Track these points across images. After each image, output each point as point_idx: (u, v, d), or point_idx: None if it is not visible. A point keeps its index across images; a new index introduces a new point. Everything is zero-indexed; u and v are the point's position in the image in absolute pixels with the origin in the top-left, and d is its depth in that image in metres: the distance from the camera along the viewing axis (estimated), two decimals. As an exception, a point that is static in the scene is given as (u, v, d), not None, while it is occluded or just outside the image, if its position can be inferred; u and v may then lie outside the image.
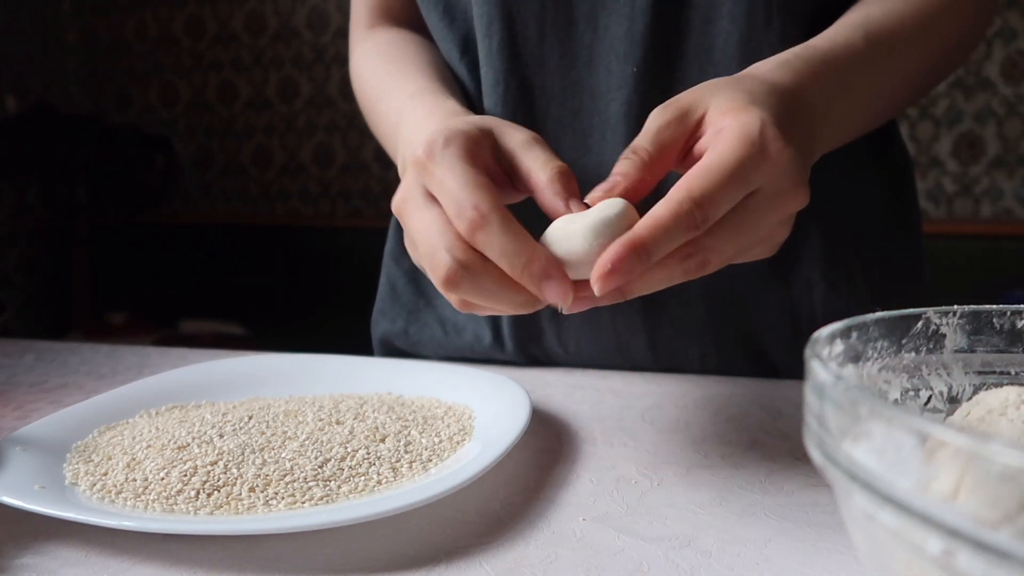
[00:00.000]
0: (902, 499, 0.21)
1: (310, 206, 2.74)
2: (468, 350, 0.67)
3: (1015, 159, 2.17)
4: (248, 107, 2.76)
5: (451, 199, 0.39)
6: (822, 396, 0.25)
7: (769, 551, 0.35)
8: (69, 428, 0.47)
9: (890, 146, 0.65)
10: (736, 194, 0.37)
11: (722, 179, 0.37)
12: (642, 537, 0.36)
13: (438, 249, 0.39)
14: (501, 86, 0.58)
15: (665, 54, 0.55)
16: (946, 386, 0.34)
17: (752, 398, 0.55)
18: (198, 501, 0.38)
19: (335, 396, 0.53)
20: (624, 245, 0.36)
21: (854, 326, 0.31)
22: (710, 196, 0.36)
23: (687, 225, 0.36)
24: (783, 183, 0.39)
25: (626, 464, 0.45)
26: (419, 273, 0.71)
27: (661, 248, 0.36)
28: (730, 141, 0.38)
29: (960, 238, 2.07)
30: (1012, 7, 2.13)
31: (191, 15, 2.76)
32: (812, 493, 0.40)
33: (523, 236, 0.38)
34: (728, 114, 0.39)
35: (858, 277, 0.61)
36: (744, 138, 0.38)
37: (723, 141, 0.38)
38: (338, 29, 2.61)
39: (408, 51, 0.62)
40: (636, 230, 0.36)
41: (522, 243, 0.38)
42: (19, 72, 2.65)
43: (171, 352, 0.72)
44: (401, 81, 0.57)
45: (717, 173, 0.37)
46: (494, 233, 0.38)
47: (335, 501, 0.38)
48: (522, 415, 0.46)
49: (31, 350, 0.73)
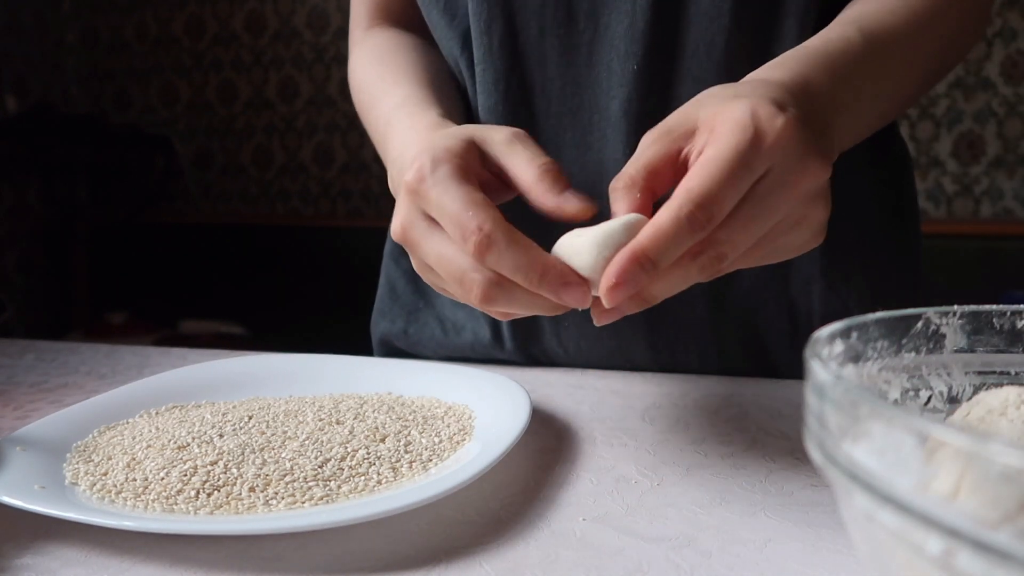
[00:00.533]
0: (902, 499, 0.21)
1: (310, 206, 2.74)
2: (468, 349, 0.67)
3: (1015, 159, 2.17)
4: (248, 107, 2.76)
5: (453, 223, 0.39)
6: (822, 396, 0.25)
7: (769, 551, 0.35)
8: (69, 428, 0.47)
9: (890, 145, 0.65)
10: (740, 184, 0.36)
11: (721, 173, 0.36)
12: (642, 537, 0.36)
13: (466, 272, 0.39)
14: (502, 84, 0.58)
15: (666, 51, 0.55)
16: (946, 386, 0.34)
17: (752, 398, 0.55)
18: (198, 501, 0.38)
19: (335, 396, 0.53)
20: (627, 257, 0.35)
21: (854, 326, 0.31)
22: (711, 194, 0.35)
23: (690, 228, 0.35)
24: (790, 158, 0.37)
25: (626, 464, 0.45)
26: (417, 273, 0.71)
27: (667, 255, 0.36)
28: (722, 133, 0.37)
29: (960, 238, 2.07)
30: (1012, 7, 2.13)
31: (191, 15, 2.76)
32: (812, 493, 0.40)
33: (531, 249, 0.38)
34: (717, 113, 0.38)
35: (857, 276, 0.61)
36: (735, 126, 0.37)
37: (716, 136, 0.37)
38: (338, 29, 2.61)
39: (399, 55, 0.62)
40: (639, 239, 0.36)
41: (532, 256, 0.37)
42: (19, 72, 2.65)
43: (171, 352, 0.72)
44: (390, 86, 0.57)
45: (714, 168, 0.36)
46: (502, 252, 0.37)
47: (335, 501, 0.38)
48: (522, 415, 0.46)
49: (31, 350, 0.73)
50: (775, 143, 0.36)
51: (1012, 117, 2.16)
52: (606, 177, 0.57)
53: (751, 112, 0.37)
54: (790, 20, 0.54)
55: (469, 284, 0.39)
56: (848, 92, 0.45)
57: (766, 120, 0.37)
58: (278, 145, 2.75)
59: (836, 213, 0.59)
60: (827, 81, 0.43)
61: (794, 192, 0.38)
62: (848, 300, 0.60)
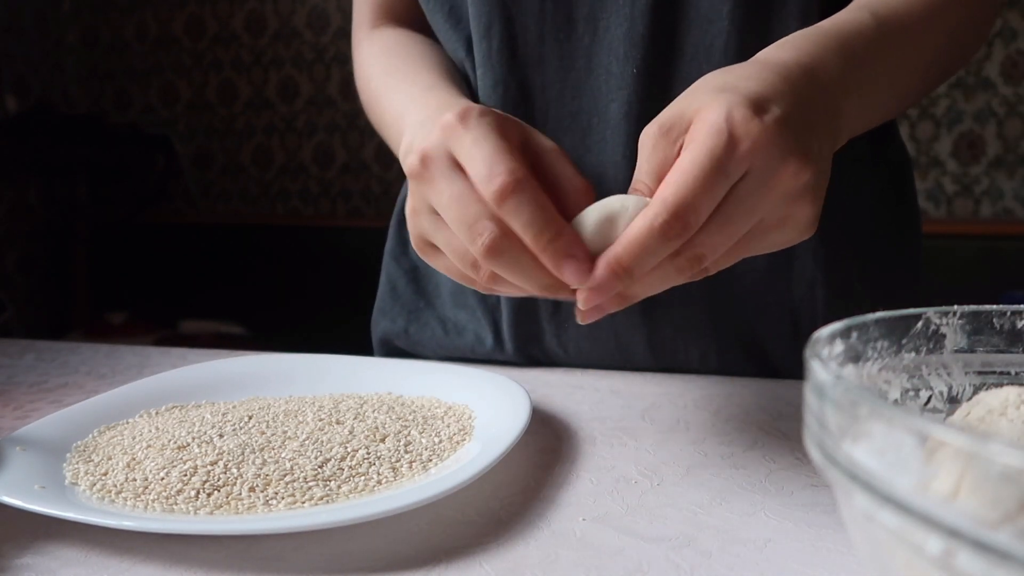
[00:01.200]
0: (902, 499, 0.21)
1: (310, 206, 2.74)
2: (468, 351, 0.67)
3: (1015, 159, 2.17)
4: (248, 107, 2.76)
5: (484, 161, 0.37)
6: (822, 396, 0.25)
7: (769, 551, 0.35)
8: (69, 428, 0.47)
9: (889, 145, 0.65)
10: (715, 191, 0.36)
11: (695, 181, 0.35)
12: (642, 537, 0.36)
13: (479, 217, 0.37)
14: (501, 87, 0.58)
15: (665, 55, 0.55)
16: (946, 386, 0.34)
17: (752, 398, 0.55)
18: (198, 501, 0.38)
19: (335, 396, 0.53)
20: (603, 265, 0.36)
21: (854, 326, 0.31)
22: (685, 202, 0.35)
23: (664, 237, 0.35)
24: (770, 159, 0.36)
25: (626, 464, 0.45)
26: (419, 272, 0.71)
27: (641, 264, 0.36)
28: (696, 140, 0.36)
29: (960, 238, 2.07)
30: (1012, 7, 2.13)
31: (191, 15, 2.76)
32: (812, 493, 0.40)
33: (553, 210, 0.37)
34: (697, 111, 0.38)
35: (856, 276, 0.61)
36: (709, 130, 0.36)
37: (691, 140, 0.37)
38: (338, 29, 2.61)
39: (416, 50, 0.62)
40: (615, 248, 0.36)
41: (551, 216, 0.37)
42: (19, 72, 2.65)
43: (171, 352, 0.72)
44: (412, 76, 0.57)
45: (689, 175, 0.35)
46: (525, 202, 0.36)
47: (335, 501, 0.38)
48: (522, 415, 0.46)
49: (31, 350, 0.73)
50: (751, 148, 0.36)
51: (1012, 117, 2.16)
52: (606, 180, 0.57)
53: (726, 115, 0.36)
54: (791, 23, 0.53)
55: (480, 229, 0.37)
56: (859, 74, 0.44)
57: (741, 124, 0.36)
58: (278, 145, 2.75)
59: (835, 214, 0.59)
60: (838, 62, 0.43)
61: (773, 194, 0.37)
62: (848, 301, 0.60)
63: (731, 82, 0.39)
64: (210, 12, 2.74)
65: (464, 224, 0.38)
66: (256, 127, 2.76)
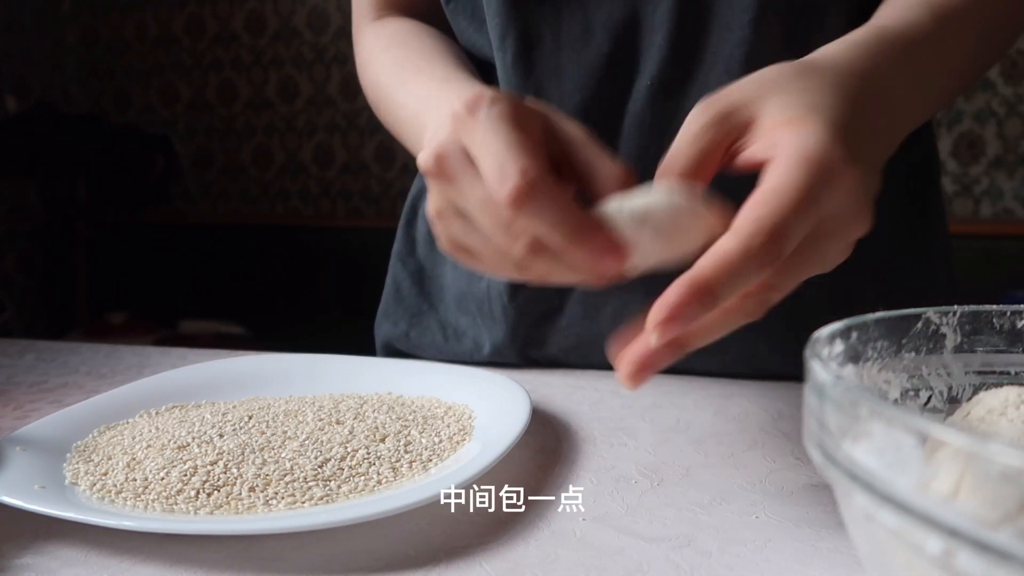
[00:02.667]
0: (902, 499, 0.21)
1: (310, 206, 2.74)
2: (467, 357, 0.66)
3: (1015, 159, 2.17)
4: (248, 107, 2.76)
5: (494, 160, 0.34)
6: (822, 396, 0.25)
7: (769, 551, 0.35)
8: (69, 428, 0.47)
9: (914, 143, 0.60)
10: (808, 222, 0.32)
11: (793, 206, 0.32)
12: (642, 537, 0.36)
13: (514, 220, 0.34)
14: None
15: (683, 64, 0.54)
16: (946, 386, 0.34)
17: (752, 398, 0.55)
18: (198, 501, 0.38)
19: (335, 396, 0.53)
20: (686, 288, 0.31)
21: (854, 326, 0.31)
22: (783, 226, 0.31)
23: (760, 261, 0.31)
24: (850, 207, 0.34)
25: (626, 464, 0.45)
26: (425, 274, 0.70)
27: (730, 290, 0.31)
28: (794, 162, 0.33)
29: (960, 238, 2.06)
30: (1012, 7, 2.13)
31: (191, 15, 2.76)
32: (812, 493, 0.40)
33: (573, 207, 0.34)
34: (784, 128, 0.34)
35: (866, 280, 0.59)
36: (809, 158, 0.33)
37: (785, 162, 0.33)
38: (338, 29, 2.61)
39: (426, 41, 0.59)
40: (700, 270, 0.31)
41: (572, 215, 0.33)
42: (19, 72, 2.65)
43: (171, 352, 0.72)
44: (426, 68, 0.54)
45: (788, 200, 0.32)
46: (543, 205, 0.33)
47: (335, 501, 0.38)
48: (522, 415, 0.46)
49: (31, 350, 0.73)
50: (841, 188, 0.33)
51: (1012, 117, 2.16)
52: None
53: (825, 146, 0.33)
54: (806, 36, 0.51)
55: (518, 231, 0.35)
56: (915, 87, 0.42)
57: (839, 163, 0.33)
58: (278, 145, 2.75)
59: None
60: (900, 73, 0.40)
61: (843, 240, 0.35)
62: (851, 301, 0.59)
63: (819, 102, 0.36)
64: (210, 12, 2.74)
65: (501, 227, 0.35)
66: (256, 127, 2.76)
